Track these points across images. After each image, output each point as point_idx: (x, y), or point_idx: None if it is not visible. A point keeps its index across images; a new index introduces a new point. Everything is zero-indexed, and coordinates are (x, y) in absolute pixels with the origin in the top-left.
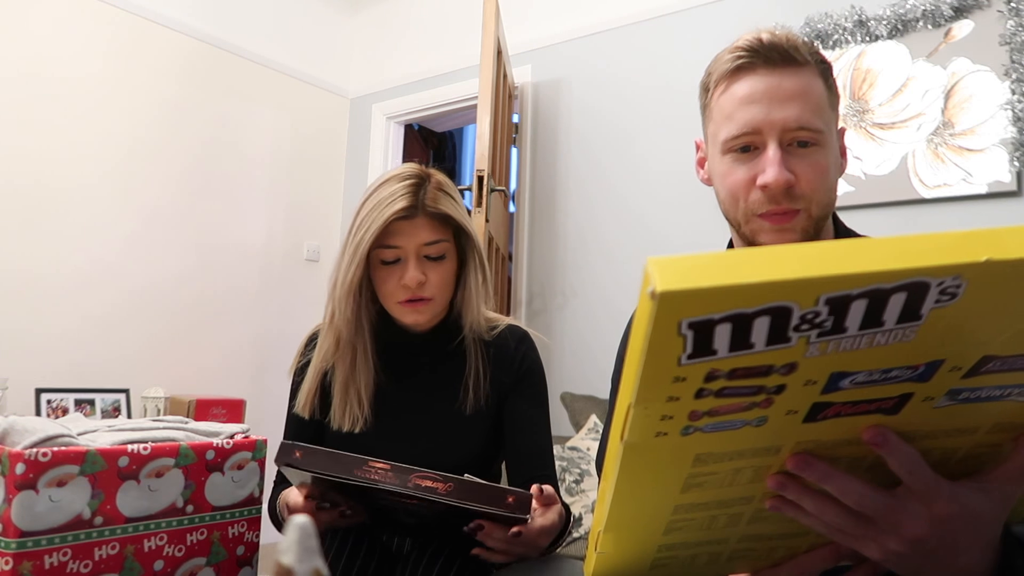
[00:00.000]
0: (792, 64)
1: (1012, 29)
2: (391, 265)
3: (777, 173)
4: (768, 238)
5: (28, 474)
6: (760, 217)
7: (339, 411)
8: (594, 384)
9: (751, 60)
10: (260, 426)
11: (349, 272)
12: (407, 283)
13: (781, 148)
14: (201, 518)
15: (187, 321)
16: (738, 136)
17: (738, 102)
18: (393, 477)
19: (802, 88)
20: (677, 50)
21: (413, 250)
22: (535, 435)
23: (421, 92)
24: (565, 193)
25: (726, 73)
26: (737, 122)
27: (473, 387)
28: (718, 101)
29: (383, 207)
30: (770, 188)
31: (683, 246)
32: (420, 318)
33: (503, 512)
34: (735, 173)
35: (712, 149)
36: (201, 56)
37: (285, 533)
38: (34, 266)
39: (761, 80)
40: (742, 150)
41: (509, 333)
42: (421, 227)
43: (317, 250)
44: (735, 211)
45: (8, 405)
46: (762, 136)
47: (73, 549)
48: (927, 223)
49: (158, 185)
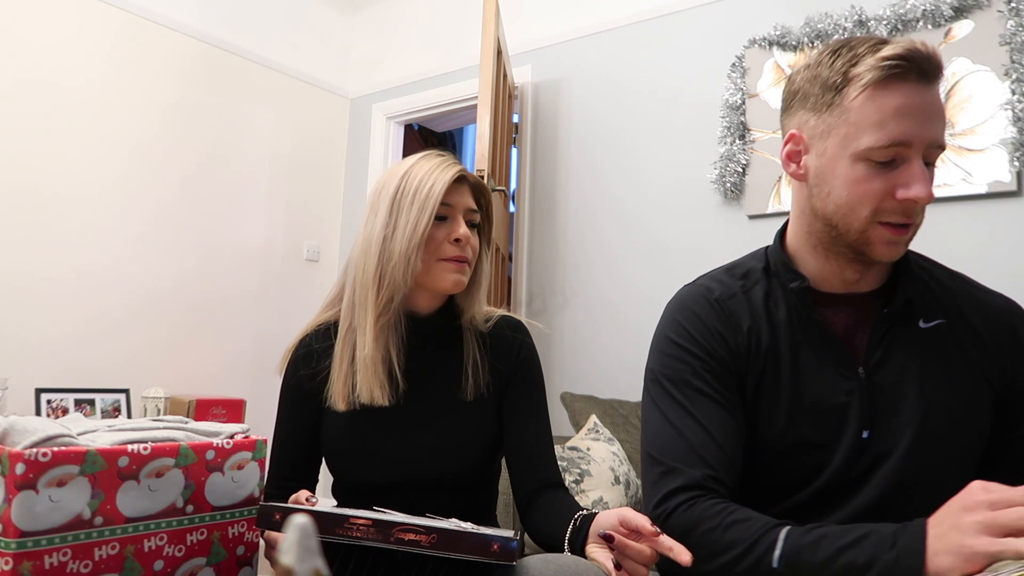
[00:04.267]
0: (936, 79)
1: (1012, 29)
2: (439, 222)
3: (926, 190)
4: (882, 249)
5: (28, 474)
6: (882, 225)
7: (370, 382)
8: (594, 384)
9: (905, 69)
10: (260, 426)
11: (419, 225)
12: (459, 235)
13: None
14: (201, 518)
15: (187, 321)
16: (887, 147)
17: (892, 112)
18: (376, 533)
19: (941, 106)
20: (677, 50)
21: (461, 211)
22: (536, 422)
23: (421, 92)
24: (565, 193)
25: (880, 78)
26: (889, 133)
27: (472, 374)
28: (861, 105)
29: (441, 170)
30: (918, 203)
31: (683, 246)
32: (463, 278)
33: (488, 560)
34: (871, 182)
35: (837, 150)
36: (201, 57)
37: (285, 533)
38: (34, 267)
39: (915, 93)
40: (885, 162)
41: (504, 323)
42: (467, 194)
43: (317, 250)
44: (854, 217)
45: (8, 405)
46: (909, 150)
47: (73, 549)
48: (927, 223)
49: (158, 186)
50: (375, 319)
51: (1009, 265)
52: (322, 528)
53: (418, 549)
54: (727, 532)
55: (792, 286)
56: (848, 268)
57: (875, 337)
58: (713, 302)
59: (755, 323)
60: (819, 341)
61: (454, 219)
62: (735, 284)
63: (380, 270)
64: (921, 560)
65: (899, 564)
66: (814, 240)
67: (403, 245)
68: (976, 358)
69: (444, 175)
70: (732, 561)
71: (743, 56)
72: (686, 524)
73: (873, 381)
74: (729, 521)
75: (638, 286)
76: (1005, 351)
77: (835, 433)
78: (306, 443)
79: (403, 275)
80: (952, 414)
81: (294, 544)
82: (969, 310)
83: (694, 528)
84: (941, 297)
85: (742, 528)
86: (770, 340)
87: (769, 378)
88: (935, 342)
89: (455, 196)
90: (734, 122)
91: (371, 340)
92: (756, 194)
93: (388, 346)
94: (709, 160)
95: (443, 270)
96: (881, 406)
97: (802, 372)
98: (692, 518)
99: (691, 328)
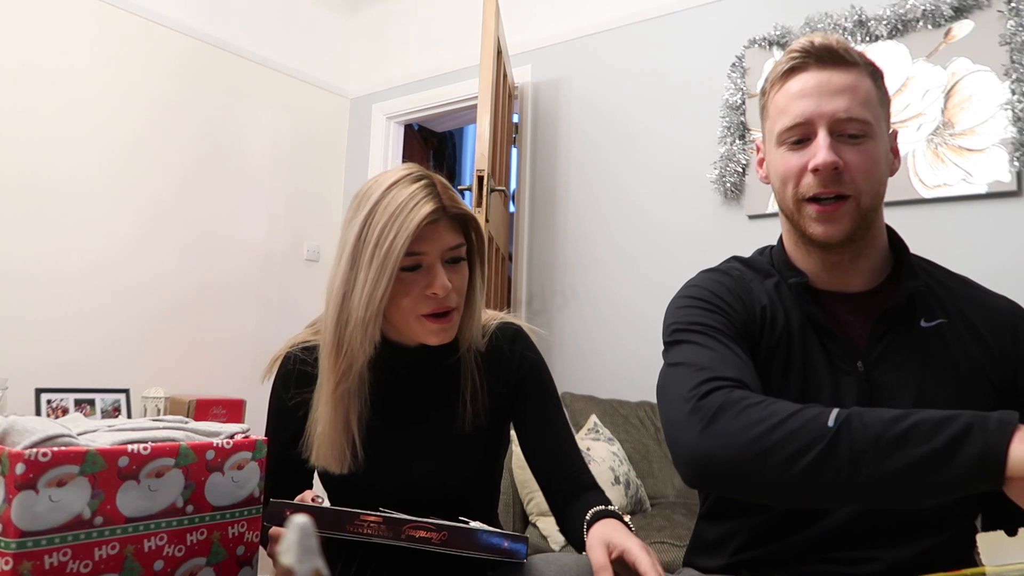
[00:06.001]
0: (842, 63)
1: (1012, 29)
2: (410, 273)
3: (826, 155)
4: (817, 228)
5: (28, 474)
6: (808, 202)
7: (326, 451)
8: (594, 384)
9: (804, 60)
10: (260, 426)
11: (377, 290)
12: (436, 291)
13: (831, 137)
14: (201, 518)
15: (187, 321)
16: (792, 127)
17: (792, 96)
18: (386, 530)
19: (851, 83)
20: (677, 50)
21: (437, 255)
22: (554, 431)
23: (421, 92)
24: (565, 193)
25: (781, 73)
26: (790, 114)
27: (471, 401)
28: (774, 99)
29: (408, 212)
30: (820, 170)
31: (683, 247)
32: (447, 336)
33: (499, 558)
34: (788, 161)
35: (769, 145)
36: (201, 56)
37: (284, 533)
38: (34, 267)
39: (813, 76)
40: (796, 142)
41: (501, 334)
42: (445, 231)
43: (317, 250)
44: (786, 197)
45: (8, 405)
46: (814, 126)
47: (73, 549)
48: (927, 223)
49: (158, 186)
50: (333, 387)
51: (1009, 265)
52: (332, 525)
53: (429, 547)
54: (773, 404)
55: (791, 282)
56: (819, 260)
57: (875, 334)
58: (733, 277)
59: (771, 304)
60: (820, 334)
61: (430, 268)
62: (749, 272)
63: (338, 335)
64: (1010, 431)
65: (986, 427)
66: (792, 237)
67: (359, 312)
68: (977, 356)
69: (410, 219)
70: (778, 424)
71: (743, 56)
72: (725, 400)
73: (872, 376)
74: (776, 400)
75: (638, 286)
76: (1006, 351)
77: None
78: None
79: (360, 344)
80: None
81: (294, 544)
82: (970, 310)
83: (735, 403)
84: (942, 297)
85: (789, 403)
86: (784, 322)
87: (780, 358)
88: (936, 341)
89: (428, 242)
90: (734, 122)
91: (329, 411)
92: (756, 194)
93: (348, 416)
94: (709, 160)
95: (424, 328)
96: (879, 401)
97: (808, 361)
98: (733, 397)
99: (709, 287)
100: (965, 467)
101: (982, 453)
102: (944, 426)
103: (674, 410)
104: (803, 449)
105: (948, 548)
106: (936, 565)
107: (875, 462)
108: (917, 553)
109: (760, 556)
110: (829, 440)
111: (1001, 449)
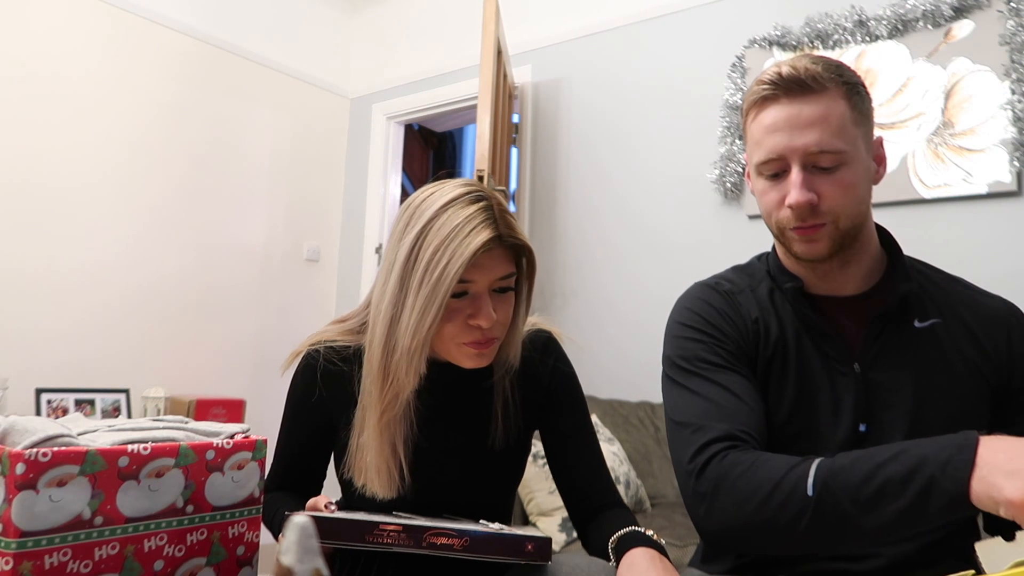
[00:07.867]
0: (811, 93)
1: (1012, 29)
2: (456, 300)
3: (799, 195)
4: (799, 248)
5: (28, 474)
6: (791, 230)
7: (374, 478)
8: (594, 384)
9: (773, 92)
10: (260, 426)
11: (425, 319)
12: (481, 322)
13: (805, 171)
14: (201, 518)
15: (187, 321)
16: (766, 162)
17: (764, 131)
18: (407, 539)
19: (821, 114)
20: (677, 50)
21: (486, 285)
22: (581, 446)
23: (421, 92)
24: (565, 193)
25: (755, 103)
26: (764, 149)
27: (503, 418)
28: (749, 129)
29: (463, 238)
30: (794, 209)
31: (683, 246)
32: (484, 362)
33: (523, 560)
34: (768, 194)
35: (750, 167)
36: (201, 56)
37: (285, 533)
38: (34, 266)
39: (783, 109)
40: (772, 176)
41: (531, 344)
42: (499, 259)
43: (317, 250)
44: (771, 224)
45: (8, 405)
46: (787, 161)
47: (73, 549)
48: (927, 223)
49: (158, 185)
50: (379, 415)
51: (1009, 265)
52: (351, 536)
53: (451, 553)
54: (758, 471)
55: (786, 287)
56: (809, 269)
57: (870, 335)
58: (722, 293)
59: (763, 315)
60: (816, 337)
61: (477, 297)
62: (742, 281)
63: (384, 361)
64: (967, 473)
65: (945, 475)
66: (781, 250)
67: (406, 341)
68: (972, 355)
69: (465, 246)
70: (766, 498)
71: (743, 56)
72: (719, 473)
73: (868, 376)
74: (761, 461)
75: (638, 286)
76: (1000, 351)
77: (833, 426)
78: (312, 462)
79: (406, 375)
80: (947, 410)
81: (294, 544)
82: (965, 311)
83: (727, 475)
84: (936, 298)
85: (773, 465)
86: (778, 331)
87: (777, 367)
88: (930, 341)
89: (480, 270)
90: (734, 122)
91: (375, 438)
92: None
93: (395, 441)
94: (709, 160)
95: (461, 353)
96: (877, 401)
97: (804, 365)
98: (724, 466)
99: (701, 313)
100: (939, 515)
101: (949, 502)
102: (910, 481)
103: (680, 480)
104: (796, 518)
105: (949, 544)
106: (937, 561)
107: (859, 519)
108: (918, 549)
109: (764, 555)
110: (814, 509)
111: (964, 494)
